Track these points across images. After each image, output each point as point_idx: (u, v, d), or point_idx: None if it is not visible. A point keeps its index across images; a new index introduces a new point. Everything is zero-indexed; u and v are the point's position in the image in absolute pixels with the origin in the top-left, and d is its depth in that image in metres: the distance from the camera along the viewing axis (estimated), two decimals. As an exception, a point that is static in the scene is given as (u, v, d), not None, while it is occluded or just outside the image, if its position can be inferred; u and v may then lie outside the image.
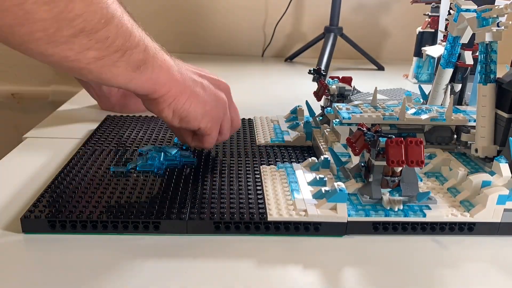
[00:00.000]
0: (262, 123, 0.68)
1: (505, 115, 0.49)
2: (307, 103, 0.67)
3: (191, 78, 0.49)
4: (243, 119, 0.70)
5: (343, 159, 0.51)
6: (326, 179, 0.47)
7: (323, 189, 0.44)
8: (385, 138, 0.41)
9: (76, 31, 0.36)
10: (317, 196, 0.44)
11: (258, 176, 0.50)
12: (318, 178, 0.47)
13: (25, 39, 0.35)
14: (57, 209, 0.42)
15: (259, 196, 0.45)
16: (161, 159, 0.52)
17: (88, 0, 0.36)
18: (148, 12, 1.34)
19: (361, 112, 0.56)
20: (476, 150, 0.51)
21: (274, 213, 0.42)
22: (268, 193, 0.45)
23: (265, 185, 0.47)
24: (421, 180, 0.48)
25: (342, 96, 0.65)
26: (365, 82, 1.06)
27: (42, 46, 0.36)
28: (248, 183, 0.48)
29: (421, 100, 0.67)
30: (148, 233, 0.41)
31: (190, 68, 0.51)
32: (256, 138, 0.62)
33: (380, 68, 1.26)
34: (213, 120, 0.51)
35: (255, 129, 0.66)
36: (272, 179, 0.49)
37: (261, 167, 0.52)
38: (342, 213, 0.42)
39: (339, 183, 0.43)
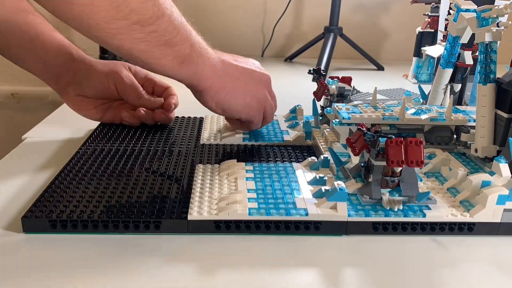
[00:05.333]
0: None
1: (505, 115, 0.49)
2: (313, 101, 0.67)
3: (233, 72, 0.53)
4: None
5: (343, 159, 0.51)
6: (326, 178, 0.47)
7: (323, 188, 0.44)
8: (385, 138, 0.41)
9: (131, 23, 0.42)
10: (317, 195, 0.44)
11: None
12: (318, 178, 0.47)
13: (90, 28, 0.41)
14: (58, 209, 0.42)
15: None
16: None
17: None
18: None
19: (360, 112, 0.56)
20: (476, 150, 0.51)
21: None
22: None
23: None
24: (421, 180, 0.48)
25: (342, 96, 0.65)
26: (364, 82, 1.06)
27: (103, 34, 0.42)
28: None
29: (421, 100, 0.67)
30: (149, 233, 0.41)
31: (232, 59, 0.55)
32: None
33: (380, 68, 1.26)
34: (253, 110, 0.57)
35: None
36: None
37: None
38: (342, 212, 0.42)
39: (339, 182, 0.43)
